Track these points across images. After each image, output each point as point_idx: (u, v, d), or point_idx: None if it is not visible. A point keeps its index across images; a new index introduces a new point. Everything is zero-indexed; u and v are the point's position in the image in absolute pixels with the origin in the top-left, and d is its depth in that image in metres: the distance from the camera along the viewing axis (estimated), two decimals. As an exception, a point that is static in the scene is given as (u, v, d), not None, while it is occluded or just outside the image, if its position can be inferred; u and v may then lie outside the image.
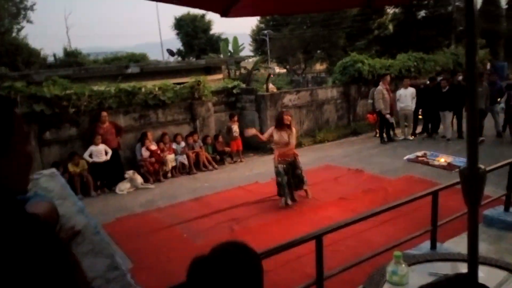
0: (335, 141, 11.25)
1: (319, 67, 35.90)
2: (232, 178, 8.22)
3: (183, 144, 8.97)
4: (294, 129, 6.26)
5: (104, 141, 8.03)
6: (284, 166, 6.26)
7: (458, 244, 4.44)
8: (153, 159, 8.40)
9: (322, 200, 6.52)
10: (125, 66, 13.40)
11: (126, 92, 8.71)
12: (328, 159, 9.23)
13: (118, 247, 5.13)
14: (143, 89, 8.88)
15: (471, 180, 1.54)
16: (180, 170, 8.78)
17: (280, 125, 6.18)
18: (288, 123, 6.16)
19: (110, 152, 8.05)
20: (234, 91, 10.63)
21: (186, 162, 8.81)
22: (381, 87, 10.33)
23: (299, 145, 9.81)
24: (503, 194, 5.17)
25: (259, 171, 8.61)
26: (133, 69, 12.93)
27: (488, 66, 17.80)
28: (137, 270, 4.56)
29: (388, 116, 10.38)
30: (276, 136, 6.16)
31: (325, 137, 11.45)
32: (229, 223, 5.74)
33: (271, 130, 6.29)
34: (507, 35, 27.49)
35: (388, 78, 10.58)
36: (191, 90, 9.45)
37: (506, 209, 5.13)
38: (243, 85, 11.38)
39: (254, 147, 10.62)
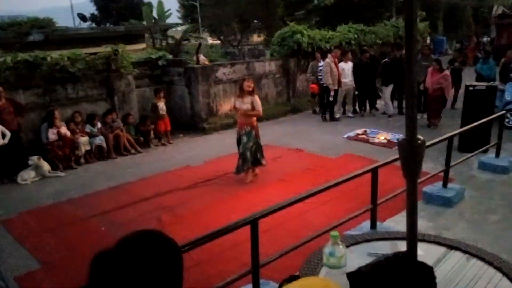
0: (274, 119, 11.31)
1: (256, 38, 35.91)
2: (160, 162, 8.08)
3: (99, 125, 8.55)
4: (256, 97, 6.50)
5: (0, 122, 7.39)
6: (239, 135, 6.60)
7: (398, 222, 4.65)
8: (61, 143, 7.92)
9: (260, 182, 6.62)
10: (25, 32, 12.42)
11: (26, 63, 8.01)
12: (266, 138, 9.13)
13: (22, 246, 4.84)
14: (48, 59, 8.24)
15: (409, 151, 1.57)
16: (96, 154, 8.39)
17: (241, 92, 6.48)
18: (250, 89, 6.39)
19: (8, 134, 7.39)
20: (160, 62, 10.31)
21: (104, 145, 8.42)
22: (329, 60, 10.30)
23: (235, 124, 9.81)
24: (441, 170, 5.57)
25: (191, 153, 8.54)
26: (35, 36, 11.98)
27: (428, 40, 18.97)
28: (46, 271, 4.34)
29: (332, 93, 10.43)
30: (237, 103, 6.48)
31: (264, 115, 11.52)
32: (156, 212, 5.65)
33: (233, 99, 6.68)
34: (446, 9, 29.52)
35: (338, 51, 10.64)
36: (107, 61, 8.97)
37: (445, 185, 5.52)
38: (170, 56, 11.02)
39: (185, 126, 10.45)
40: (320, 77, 10.78)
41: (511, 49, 10.62)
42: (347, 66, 10.79)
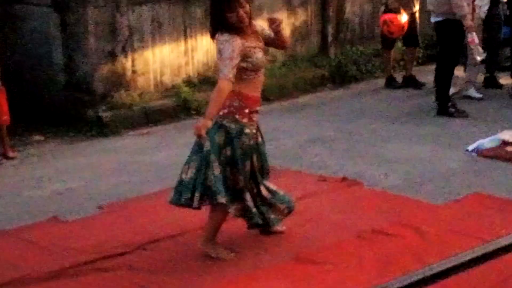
0: (288, 100, 11.78)
1: None
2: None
3: None
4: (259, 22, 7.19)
5: None
6: (255, 131, 6.86)
7: None
8: None
9: (250, 263, 6.62)
10: None
11: None
12: (270, 148, 8.51)
13: None
14: None
15: None
16: None
17: (232, 28, 6.52)
18: (246, 21, 6.57)
19: None
20: None
21: None
22: None
23: (186, 109, 10.07)
24: None
25: (66, 185, 8.64)
26: None
27: None
28: None
29: (473, 42, 10.56)
30: (256, 52, 6.71)
31: (264, 88, 11.43)
32: None
33: (236, 49, 6.55)
34: None
35: None
36: None
37: None
38: None
39: (52, 115, 10.84)
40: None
41: None
42: None
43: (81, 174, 8.93)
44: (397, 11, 11.47)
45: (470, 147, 9.08)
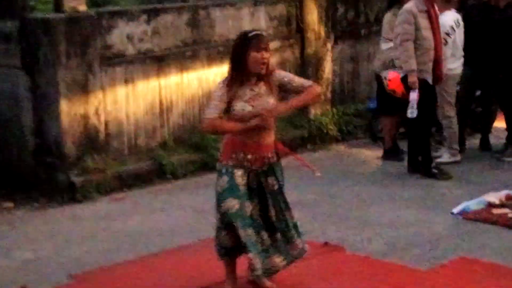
0: None
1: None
2: None
3: None
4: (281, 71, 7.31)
5: None
6: (245, 174, 6.89)
7: None
8: None
9: None
10: None
11: None
12: None
13: None
14: None
15: None
16: None
17: (242, 70, 6.71)
18: (263, 67, 6.72)
19: None
20: None
21: None
22: (412, 5, 10.67)
23: (161, 173, 9.77)
24: None
25: (38, 253, 8.45)
26: None
27: None
28: None
29: (414, 97, 10.52)
30: (240, 106, 6.76)
31: None
32: None
33: (220, 94, 6.82)
34: None
35: None
36: None
37: None
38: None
39: (20, 181, 10.76)
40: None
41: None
42: (448, 21, 11.20)
43: (52, 242, 8.79)
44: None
45: (455, 210, 9.13)
